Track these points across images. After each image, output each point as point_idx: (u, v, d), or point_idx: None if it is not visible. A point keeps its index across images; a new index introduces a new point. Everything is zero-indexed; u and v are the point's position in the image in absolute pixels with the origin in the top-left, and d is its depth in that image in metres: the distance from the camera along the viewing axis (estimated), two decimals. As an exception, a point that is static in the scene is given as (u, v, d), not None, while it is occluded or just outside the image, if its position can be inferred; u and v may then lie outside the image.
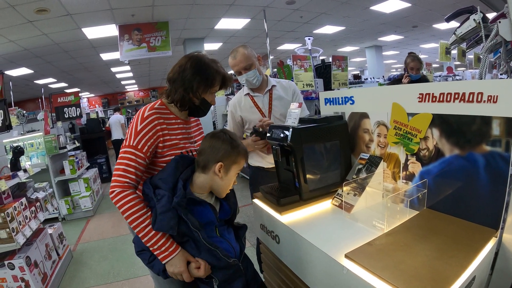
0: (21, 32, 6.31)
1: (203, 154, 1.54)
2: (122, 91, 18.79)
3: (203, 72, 1.66)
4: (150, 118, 1.61)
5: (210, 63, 1.70)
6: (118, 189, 1.50)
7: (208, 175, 1.53)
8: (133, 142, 1.57)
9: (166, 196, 1.43)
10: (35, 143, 5.72)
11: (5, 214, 2.86)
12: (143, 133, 1.58)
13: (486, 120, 1.27)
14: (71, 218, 5.98)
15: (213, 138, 1.54)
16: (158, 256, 1.48)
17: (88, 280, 3.66)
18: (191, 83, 1.64)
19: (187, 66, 1.65)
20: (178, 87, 1.66)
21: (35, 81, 11.46)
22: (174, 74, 1.68)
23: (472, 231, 1.30)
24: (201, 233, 1.44)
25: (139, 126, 1.59)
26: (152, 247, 1.47)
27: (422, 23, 9.47)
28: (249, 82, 2.46)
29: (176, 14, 6.84)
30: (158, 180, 1.51)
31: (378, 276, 1.06)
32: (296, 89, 2.69)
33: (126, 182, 1.53)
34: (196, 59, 1.67)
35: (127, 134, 1.62)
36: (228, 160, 1.53)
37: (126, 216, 1.48)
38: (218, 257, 1.47)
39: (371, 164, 1.75)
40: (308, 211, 1.73)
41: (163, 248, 1.46)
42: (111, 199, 1.52)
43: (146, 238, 1.46)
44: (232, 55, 2.43)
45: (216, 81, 1.71)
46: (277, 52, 12.09)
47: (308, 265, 1.45)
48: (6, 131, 3.54)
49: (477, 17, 2.04)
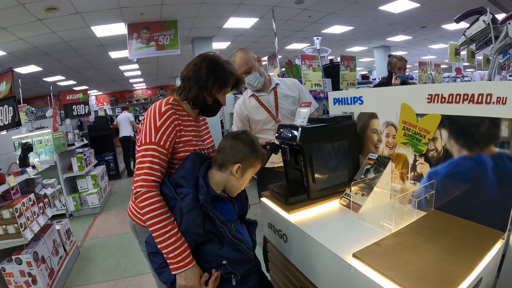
0: (31, 30, 6.35)
1: (222, 152, 1.54)
2: (130, 89, 18.84)
3: (218, 72, 1.67)
4: (168, 113, 1.60)
5: (225, 64, 1.72)
6: (144, 189, 1.47)
7: (225, 174, 1.53)
8: (155, 139, 1.54)
9: (191, 194, 1.41)
10: (44, 140, 5.78)
11: (14, 209, 2.90)
12: (163, 128, 1.56)
13: (495, 121, 1.27)
14: (78, 214, 6.04)
15: (235, 139, 1.54)
16: (172, 265, 1.43)
17: (94, 276, 3.70)
18: (206, 82, 1.65)
19: (203, 65, 1.65)
20: (192, 85, 1.65)
21: (43, 79, 11.52)
22: (188, 72, 1.68)
23: (479, 232, 1.29)
24: (227, 228, 1.43)
25: (158, 121, 1.56)
26: (168, 254, 1.42)
27: (430, 23, 9.41)
28: (251, 85, 2.47)
29: (184, 13, 6.85)
30: (180, 178, 1.48)
31: (386, 276, 1.06)
32: (300, 86, 2.69)
33: (152, 180, 1.49)
34: (212, 59, 1.68)
35: (145, 131, 1.57)
36: (246, 163, 1.53)
37: (149, 217, 1.43)
38: (242, 251, 1.47)
39: (379, 165, 1.76)
40: (316, 210, 1.74)
41: (180, 258, 1.41)
42: (136, 199, 1.49)
43: (165, 243, 1.41)
44: (231, 60, 2.41)
45: (229, 82, 1.72)
46: (286, 52, 12.07)
47: (315, 264, 1.46)
48: (15, 128, 3.57)
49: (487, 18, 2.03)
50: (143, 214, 1.45)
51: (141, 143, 1.56)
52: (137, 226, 1.78)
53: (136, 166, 1.56)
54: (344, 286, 1.26)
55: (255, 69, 2.45)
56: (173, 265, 1.42)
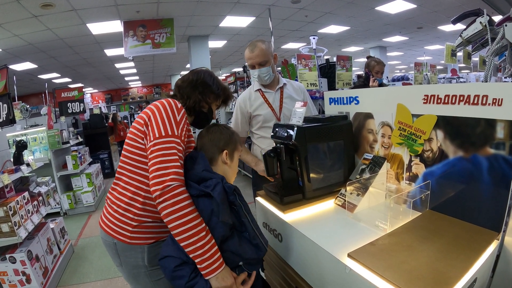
0: (26, 26, 6.31)
1: (205, 148, 1.58)
2: (126, 87, 18.78)
3: (215, 82, 1.75)
4: (183, 110, 1.56)
5: (219, 79, 1.81)
6: (177, 183, 1.34)
7: (218, 166, 1.57)
8: (178, 132, 1.47)
9: (220, 184, 1.37)
10: (38, 138, 5.74)
11: (8, 207, 2.87)
12: (182, 123, 1.51)
13: (490, 123, 1.27)
14: (73, 213, 6.01)
15: (210, 133, 1.61)
16: (206, 269, 1.32)
17: (89, 275, 3.68)
18: (204, 89, 1.70)
19: (200, 76, 1.71)
20: (191, 92, 1.68)
21: (39, 76, 11.47)
22: (184, 82, 1.72)
23: (474, 233, 1.30)
24: (249, 216, 1.44)
25: (177, 115, 1.50)
26: (202, 256, 1.31)
27: (427, 24, 9.44)
28: (261, 78, 2.47)
29: (181, 11, 6.83)
30: (203, 172, 1.43)
31: (381, 276, 1.06)
32: (305, 92, 2.72)
33: (182, 174, 1.39)
34: (209, 71, 1.78)
35: (162, 124, 1.46)
36: (231, 147, 1.60)
37: (181, 215, 1.31)
38: (259, 246, 1.45)
39: (374, 165, 1.76)
40: (311, 210, 1.74)
41: (215, 258, 1.32)
42: (165, 194, 1.31)
43: (199, 244, 1.30)
44: (250, 48, 2.43)
45: (222, 94, 1.79)
46: (282, 51, 12.07)
47: (310, 264, 1.46)
48: (9, 125, 3.55)
49: (484, 20, 2.04)
50: (171, 212, 1.31)
51: (161, 135, 1.43)
52: (119, 244, 1.56)
53: (156, 159, 1.38)
54: (339, 286, 1.26)
55: (270, 64, 2.46)
56: (208, 268, 1.32)
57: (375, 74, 4.18)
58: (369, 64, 4.26)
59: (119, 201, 1.54)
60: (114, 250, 1.59)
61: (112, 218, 1.57)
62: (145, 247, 1.54)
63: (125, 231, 1.53)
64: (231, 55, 12.50)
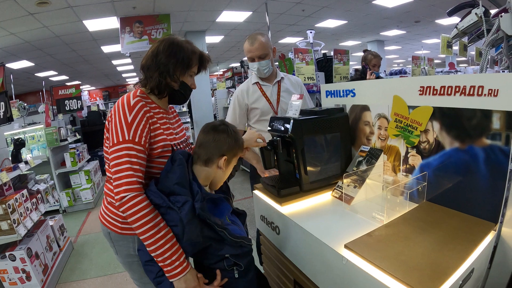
0: (22, 24, 6.28)
1: (205, 147, 1.49)
2: (123, 84, 18.72)
3: (178, 53, 1.53)
4: (138, 106, 1.45)
5: (184, 43, 1.58)
6: (131, 193, 1.33)
7: (211, 168, 1.50)
8: (128, 136, 1.39)
9: (189, 202, 1.32)
10: (36, 136, 5.74)
11: (6, 205, 2.88)
12: (136, 123, 1.41)
13: (486, 113, 1.27)
14: (72, 210, 6.01)
15: (217, 132, 1.50)
16: (170, 272, 1.34)
17: (88, 272, 3.69)
18: (166, 66, 1.52)
19: (160, 49, 1.52)
20: (153, 72, 1.53)
21: (36, 74, 11.43)
22: (147, 60, 1.55)
23: (471, 224, 1.31)
24: (227, 231, 1.38)
25: (128, 116, 1.41)
26: (165, 261, 1.33)
27: (424, 18, 9.42)
28: (260, 71, 2.48)
29: (177, 6, 6.81)
30: (174, 185, 1.37)
31: (377, 267, 1.07)
32: (303, 86, 2.75)
33: (137, 182, 1.36)
34: (169, 41, 1.55)
35: (115, 129, 1.41)
36: (231, 154, 1.53)
37: (140, 224, 1.31)
38: (243, 245, 1.44)
39: (371, 157, 1.76)
40: (308, 202, 1.74)
41: (177, 263, 1.34)
42: (121, 206, 1.33)
43: (161, 250, 1.31)
44: (249, 41, 2.44)
45: (192, 61, 1.60)
46: (279, 46, 12.03)
47: (307, 256, 1.46)
48: (7, 123, 3.55)
49: (479, 11, 2.04)
50: (133, 221, 1.32)
51: (113, 143, 1.40)
52: (112, 234, 1.62)
53: (112, 169, 1.39)
54: (336, 277, 1.26)
55: (269, 57, 2.48)
56: (171, 272, 1.34)
57: (372, 67, 4.21)
58: (366, 58, 4.30)
59: (111, 192, 1.51)
60: (110, 240, 1.66)
61: (106, 209, 1.64)
62: (135, 238, 1.56)
63: (117, 222, 1.59)
64: (228, 50, 12.46)
